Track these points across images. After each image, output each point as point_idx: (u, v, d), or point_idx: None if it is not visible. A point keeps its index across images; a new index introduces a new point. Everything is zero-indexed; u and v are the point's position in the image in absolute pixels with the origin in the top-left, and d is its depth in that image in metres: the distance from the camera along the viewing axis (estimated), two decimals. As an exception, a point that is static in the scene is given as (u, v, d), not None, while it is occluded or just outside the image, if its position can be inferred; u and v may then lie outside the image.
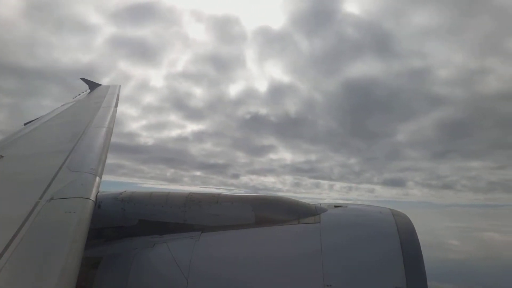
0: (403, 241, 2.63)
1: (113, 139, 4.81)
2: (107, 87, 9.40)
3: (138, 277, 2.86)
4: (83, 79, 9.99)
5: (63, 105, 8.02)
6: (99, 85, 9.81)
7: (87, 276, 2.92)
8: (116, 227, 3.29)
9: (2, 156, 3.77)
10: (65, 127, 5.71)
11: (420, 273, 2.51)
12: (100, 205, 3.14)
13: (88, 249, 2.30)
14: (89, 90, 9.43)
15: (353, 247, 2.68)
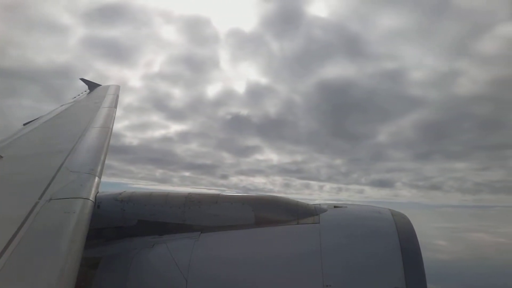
0: (403, 241, 2.63)
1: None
2: (107, 87, 9.40)
3: (137, 278, 2.85)
4: (82, 79, 9.98)
5: (62, 105, 8.02)
6: (99, 85, 9.80)
7: (87, 276, 2.91)
8: (116, 228, 3.29)
9: (1, 157, 3.77)
10: (64, 127, 5.71)
11: (420, 274, 2.51)
12: (99, 205, 3.14)
13: (88, 249, 2.29)
14: (88, 91, 9.43)
15: (352, 248, 2.68)
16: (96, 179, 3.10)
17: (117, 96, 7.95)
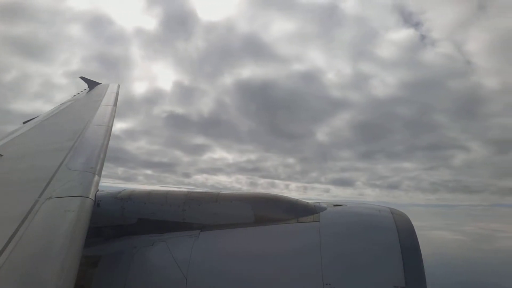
0: (402, 239, 2.63)
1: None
2: (106, 85, 9.39)
3: (137, 276, 2.85)
4: (82, 77, 9.97)
5: (62, 103, 8.01)
6: (98, 83, 9.79)
7: (86, 274, 2.91)
8: (115, 226, 3.29)
9: (1, 155, 3.76)
10: (64, 125, 5.71)
11: (419, 272, 2.51)
12: (99, 203, 3.14)
13: (87, 248, 2.29)
14: (88, 89, 9.42)
15: (352, 246, 2.68)
16: (96, 177, 3.09)
17: (117, 94, 7.94)
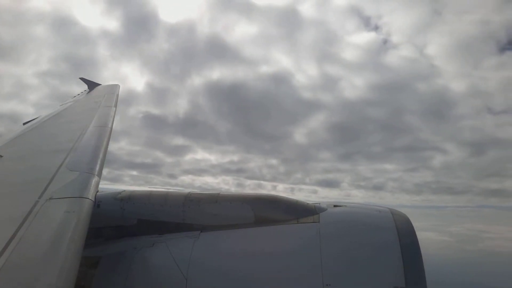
0: (402, 240, 2.63)
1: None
2: (106, 86, 9.40)
3: (137, 277, 2.85)
4: (82, 78, 9.97)
5: (62, 104, 8.01)
6: (98, 84, 9.79)
7: (86, 275, 2.91)
8: (115, 227, 3.29)
9: (1, 156, 3.76)
10: (64, 126, 5.71)
11: (419, 273, 2.51)
12: (99, 204, 3.14)
13: (87, 249, 2.29)
14: (88, 90, 9.42)
15: (352, 247, 2.68)
16: (96, 178, 3.09)
17: (117, 95, 7.94)
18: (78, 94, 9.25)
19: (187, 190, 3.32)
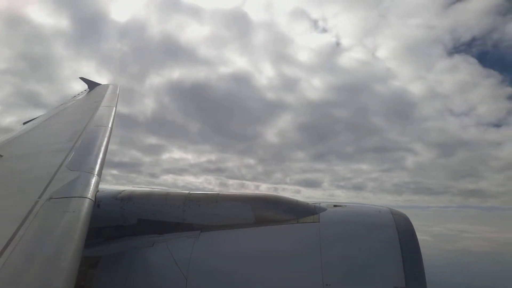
0: (402, 240, 2.63)
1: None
2: (107, 86, 9.40)
3: (137, 276, 2.86)
4: (82, 78, 9.98)
5: (62, 104, 8.02)
6: (98, 84, 9.80)
7: (86, 275, 2.92)
8: (116, 227, 3.29)
9: (1, 155, 3.77)
10: (64, 126, 5.71)
11: (419, 273, 2.52)
12: (99, 204, 3.14)
13: (88, 249, 2.29)
14: (88, 90, 9.43)
15: (352, 247, 2.68)
16: (96, 178, 3.09)
17: (117, 95, 7.95)
18: (78, 94, 9.26)
19: (187, 190, 3.33)
